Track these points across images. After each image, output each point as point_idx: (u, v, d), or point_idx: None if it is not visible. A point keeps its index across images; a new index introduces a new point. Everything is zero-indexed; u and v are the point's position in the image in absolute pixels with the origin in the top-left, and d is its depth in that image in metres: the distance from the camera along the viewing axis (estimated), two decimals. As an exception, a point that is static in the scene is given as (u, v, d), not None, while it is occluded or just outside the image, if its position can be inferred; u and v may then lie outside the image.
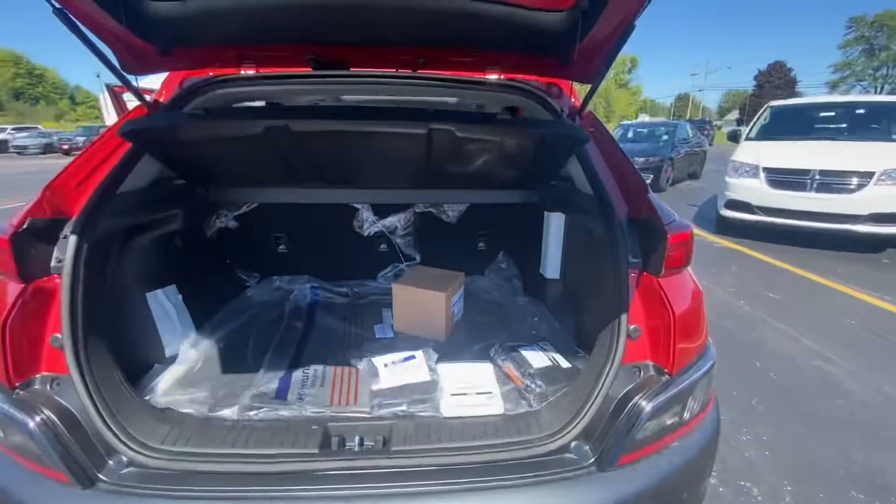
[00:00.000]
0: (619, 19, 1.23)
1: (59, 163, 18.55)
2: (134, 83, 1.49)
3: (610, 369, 1.30)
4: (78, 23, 1.19)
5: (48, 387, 1.23)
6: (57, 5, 1.12)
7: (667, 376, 1.31)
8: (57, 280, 1.27)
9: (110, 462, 1.20)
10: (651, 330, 1.35)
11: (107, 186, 1.40)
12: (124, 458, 1.19)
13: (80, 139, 23.51)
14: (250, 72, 1.58)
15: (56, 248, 1.29)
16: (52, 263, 1.28)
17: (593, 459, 1.25)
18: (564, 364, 1.61)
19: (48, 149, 23.76)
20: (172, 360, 1.73)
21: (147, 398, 1.46)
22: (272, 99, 1.90)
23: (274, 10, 1.30)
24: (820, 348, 3.14)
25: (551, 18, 1.33)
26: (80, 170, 1.43)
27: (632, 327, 1.33)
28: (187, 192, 1.84)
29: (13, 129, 27.62)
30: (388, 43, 1.45)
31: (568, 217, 1.92)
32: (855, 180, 5.08)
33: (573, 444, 1.27)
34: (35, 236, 1.27)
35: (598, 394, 1.29)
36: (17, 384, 1.22)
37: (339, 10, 1.30)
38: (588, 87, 1.58)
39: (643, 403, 1.22)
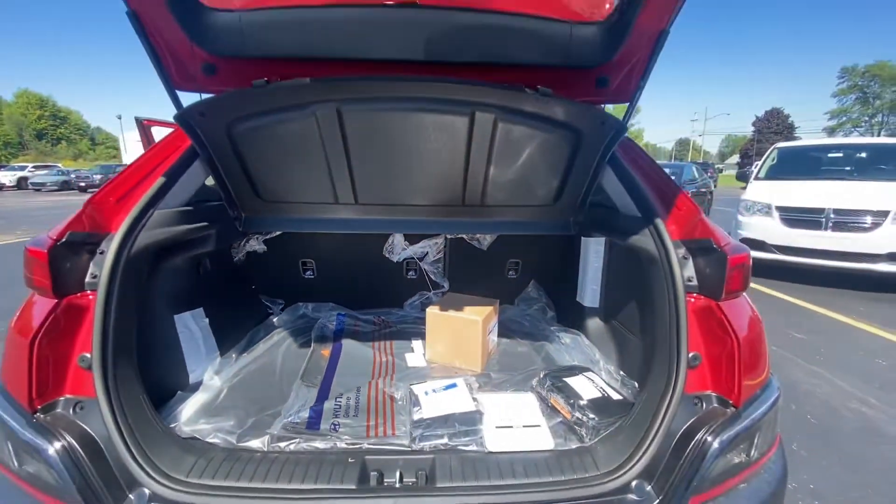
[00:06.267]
0: (651, 28, 1.24)
1: (72, 199, 18.99)
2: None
3: (671, 400, 1.22)
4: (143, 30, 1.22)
5: (71, 411, 1.16)
6: (129, 8, 1.15)
7: (732, 409, 1.22)
8: (90, 296, 1.23)
9: (131, 496, 1.10)
10: (711, 358, 1.28)
11: (146, 203, 1.38)
12: (146, 492, 1.10)
13: (97, 177, 24.20)
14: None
15: (92, 264, 1.25)
16: (87, 279, 1.24)
17: (658, 501, 1.14)
18: (615, 395, 1.52)
19: (65, 186, 24.35)
20: (196, 386, 1.65)
21: (172, 426, 1.38)
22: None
23: (316, 24, 1.31)
24: (854, 390, 2.99)
25: (585, 32, 1.34)
26: (121, 186, 1.42)
27: (691, 355, 1.26)
28: (221, 213, 1.83)
29: (33, 167, 28.63)
30: (426, 60, 1.42)
31: (608, 241, 1.87)
32: (869, 219, 5.05)
33: (634, 483, 1.16)
34: (72, 250, 1.24)
35: (659, 427, 1.20)
36: (39, 407, 1.15)
37: (381, 24, 1.32)
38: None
39: (709, 439, 1.13)
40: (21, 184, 25.67)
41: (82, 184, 23.70)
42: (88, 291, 1.23)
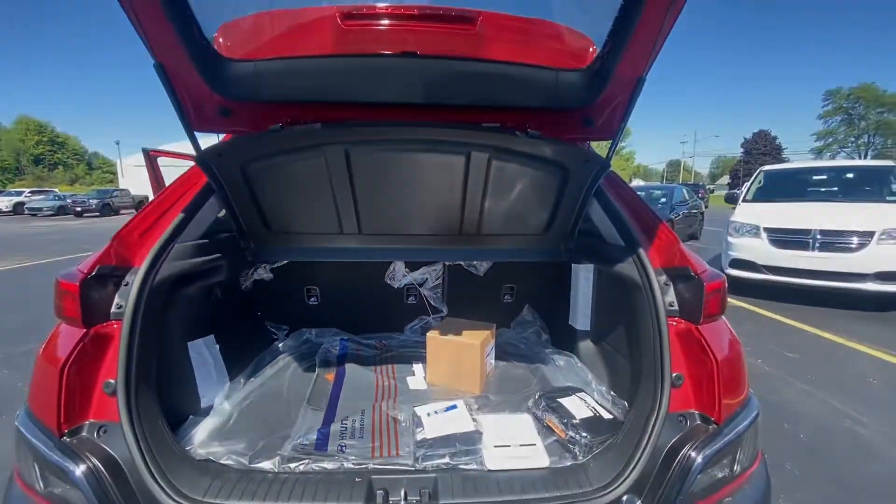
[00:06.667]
0: (630, 75, 1.37)
1: (68, 224, 19.04)
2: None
3: (657, 418, 1.30)
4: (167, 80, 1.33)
5: (95, 434, 1.23)
6: (156, 61, 1.27)
7: (714, 425, 1.31)
8: (115, 325, 1.31)
9: None
10: (694, 378, 1.37)
11: (168, 238, 1.48)
12: None
13: (94, 202, 24.32)
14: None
15: (117, 295, 1.35)
16: (113, 309, 1.33)
17: None
18: (606, 415, 1.61)
19: (61, 211, 24.41)
20: (207, 411, 1.72)
21: (187, 449, 1.45)
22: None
23: (324, 71, 1.43)
24: (846, 409, 3.04)
25: (570, 78, 1.47)
26: (144, 221, 1.53)
27: (674, 375, 1.35)
28: (232, 244, 1.93)
29: (30, 192, 28.81)
30: (425, 103, 1.54)
31: (597, 268, 1.99)
32: (855, 239, 5.20)
33: (625, 497, 1.24)
34: (101, 283, 1.33)
35: (646, 444, 1.28)
36: (66, 431, 1.22)
37: (384, 71, 1.44)
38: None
39: (693, 454, 1.22)
40: (17, 209, 25.79)
41: (78, 209, 23.77)
42: (113, 321, 1.32)
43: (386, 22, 1.41)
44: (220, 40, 1.40)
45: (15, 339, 4.25)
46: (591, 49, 1.46)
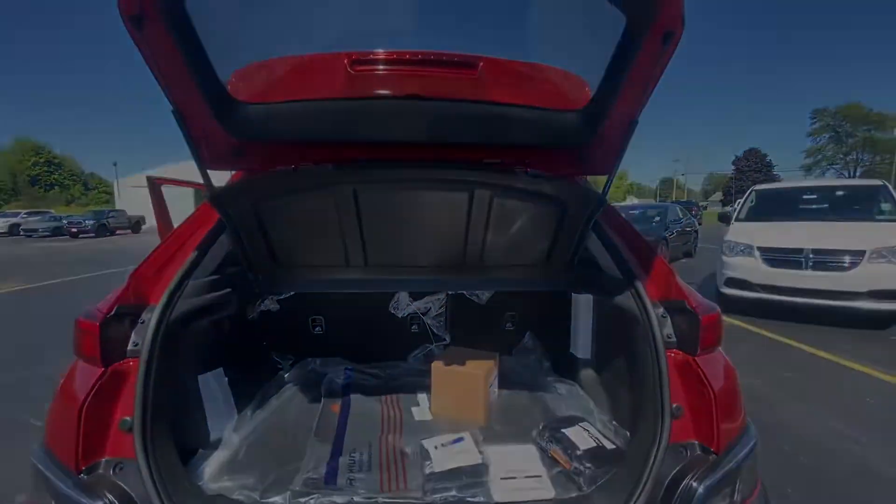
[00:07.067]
0: (623, 117, 1.45)
1: (64, 245, 18.95)
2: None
3: (658, 449, 1.34)
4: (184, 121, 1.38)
5: (112, 471, 1.26)
6: (174, 106, 1.32)
7: (714, 455, 1.34)
8: (131, 363, 1.35)
9: None
10: (693, 409, 1.41)
11: (182, 276, 1.53)
12: None
13: (90, 222, 24.28)
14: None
15: (133, 333, 1.38)
16: (129, 347, 1.36)
17: None
18: (609, 445, 1.64)
19: (57, 232, 24.34)
20: (216, 444, 1.74)
21: (199, 484, 1.47)
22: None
23: (333, 113, 1.49)
24: (846, 429, 3.05)
25: (568, 118, 1.54)
26: (158, 259, 1.57)
27: (674, 406, 1.39)
28: (242, 278, 1.98)
29: (26, 213, 28.77)
30: (429, 142, 1.60)
31: (596, 298, 2.04)
32: (847, 258, 5.30)
33: None
34: (119, 322, 1.37)
35: (648, 475, 1.31)
36: (84, 468, 1.25)
37: (390, 112, 1.50)
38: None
39: (695, 485, 1.25)
40: (13, 230, 25.72)
41: (74, 229, 23.69)
42: (130, 358, 1.36)
43: (392, 67, 1.49)
44: (235, 84, 1.47)
45: (10, 367, 4.24)
46: (586, 90, 1.55)
